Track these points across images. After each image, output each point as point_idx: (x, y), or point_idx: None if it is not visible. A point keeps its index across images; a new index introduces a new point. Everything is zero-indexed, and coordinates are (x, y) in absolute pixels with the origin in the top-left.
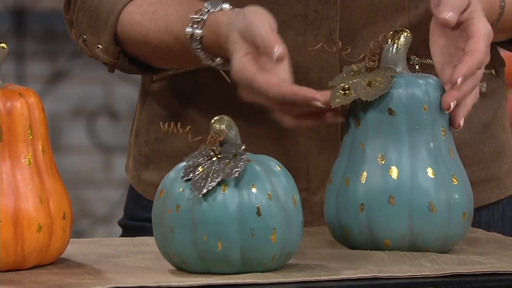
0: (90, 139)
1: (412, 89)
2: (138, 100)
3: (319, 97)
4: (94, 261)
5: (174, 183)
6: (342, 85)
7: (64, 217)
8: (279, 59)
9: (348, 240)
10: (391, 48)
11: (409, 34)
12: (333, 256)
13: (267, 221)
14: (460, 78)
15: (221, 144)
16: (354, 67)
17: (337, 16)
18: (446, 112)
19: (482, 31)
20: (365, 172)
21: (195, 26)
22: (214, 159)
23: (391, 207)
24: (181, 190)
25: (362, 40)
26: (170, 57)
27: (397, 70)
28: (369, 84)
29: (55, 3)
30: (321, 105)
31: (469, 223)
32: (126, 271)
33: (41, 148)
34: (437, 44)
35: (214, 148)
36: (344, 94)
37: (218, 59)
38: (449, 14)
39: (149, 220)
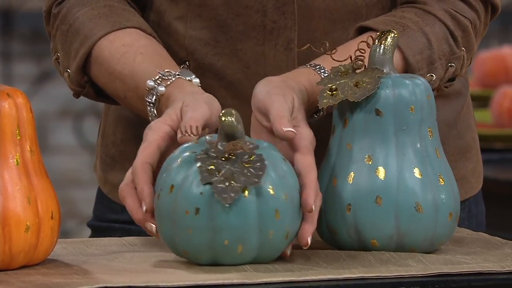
0: (77, 139)
1: (399, 89)
2: None
3: (147, 202)
4: (82, 261)
5: (190, 183)
6: (330, 85)
7: (52, 217)
8: (180, 141)
9: (336, 240)
10: (378, 49)
11: (396, 35)
12: (320, 257)
13: (283, 222)
14: (313, 205)
15: (228, 139)
16: (341, 67)
17: (294, 26)
18: (304, 248)
19: (307, 142)
20: (352, 172)
21: (159, 82)
22: (229, 161)
23: (378, 207)
24: (200, 193)
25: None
26: (124, 101)
27: (384, 70)
28: (356, 85)
29: (42, 3)
30: (143, 208)
31: (456, 223)
32: (114, 271)
33: (29, 149)
34: None
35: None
36: (332, 94)
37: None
38: (288, 128)
39: (115, 221)
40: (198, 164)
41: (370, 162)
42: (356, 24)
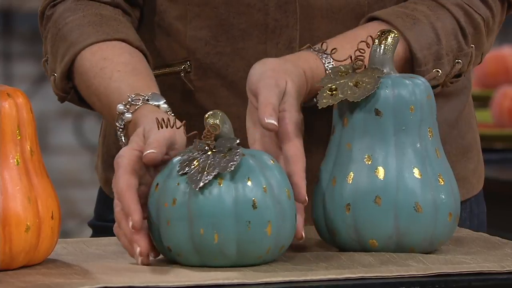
0: (77, 140)
1: (399, 89)
2: None
3: (134, 219)
4: (82, 261)
5: (170, 177)
6: (329, 85)
7: (52, 217)
8: (145, 159)
9: (335, 240)
10: (378, 49)
11: (396, 35)
12: (320, 257)
13: (262, 214)
14: (305, 196)
15: (215, 138)
16: (341, 67)
17: (296, 24)
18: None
19: (293, 127)
20: (351, 172)
21: (128, 107)
22: (209, 153)
23: (377, 207)
24: (177, 184)
25: None
26: (102, 114)
27: (384, 70)
28: (356, 85)
29: None
30: (130, 224)
31: (456, 223)
32: (114, 271)
33: (29, 149)
34: (253, 135)
35: (209, 142)
36: (331, 94)
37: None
38: (270, 120)
39: None
40: (180, 160)
41: (370, 162)
42: (357, 23)
